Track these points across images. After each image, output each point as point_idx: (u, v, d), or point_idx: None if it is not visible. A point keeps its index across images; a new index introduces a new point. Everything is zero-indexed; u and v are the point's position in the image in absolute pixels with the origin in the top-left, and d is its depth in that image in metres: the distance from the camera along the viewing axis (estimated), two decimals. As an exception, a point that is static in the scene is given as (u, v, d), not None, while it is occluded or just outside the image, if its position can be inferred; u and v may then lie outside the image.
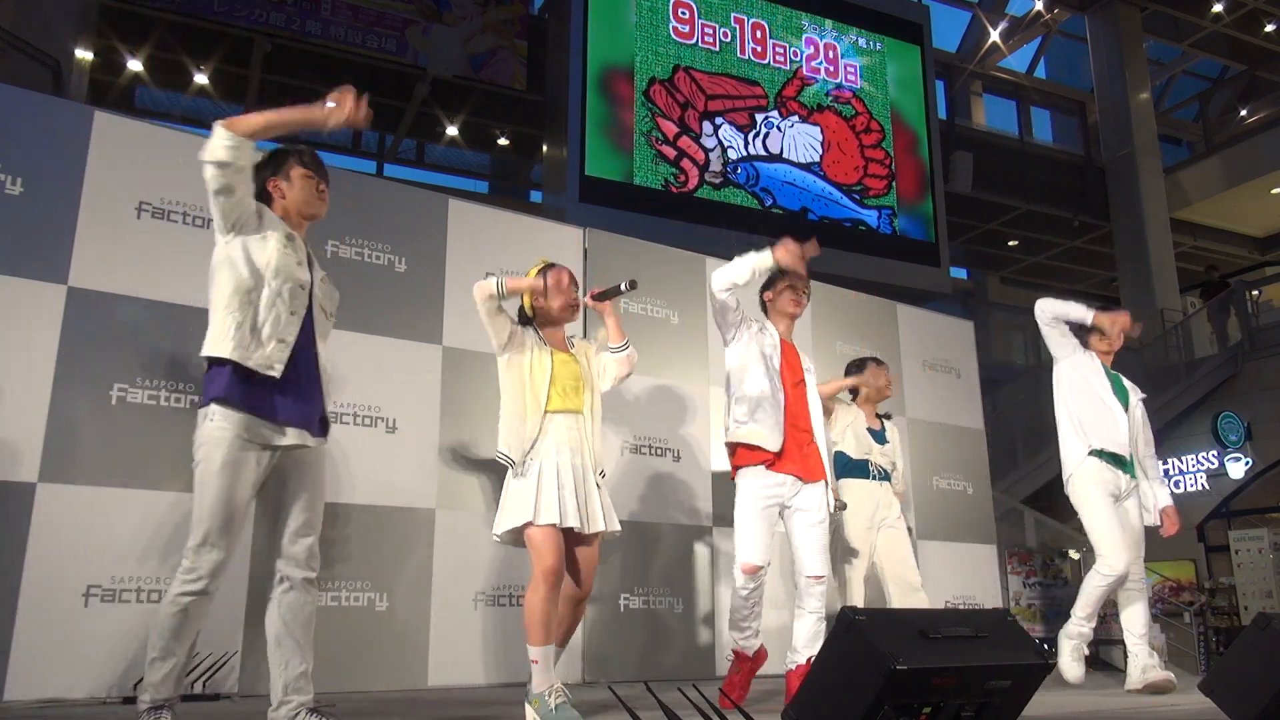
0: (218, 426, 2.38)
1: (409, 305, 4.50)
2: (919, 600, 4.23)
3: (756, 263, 3.34)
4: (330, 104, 2.51)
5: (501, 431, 3.08)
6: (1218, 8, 14.37)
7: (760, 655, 3.57)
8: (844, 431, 4.42)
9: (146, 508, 3.65)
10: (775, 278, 3.69)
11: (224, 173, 2.40)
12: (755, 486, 3.44)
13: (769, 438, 3.41)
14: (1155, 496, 4.30)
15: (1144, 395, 4.46)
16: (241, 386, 2.40)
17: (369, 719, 3.10)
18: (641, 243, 5.57)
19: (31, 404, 3.56)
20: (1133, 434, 4.25)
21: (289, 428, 2.48)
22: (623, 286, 3.19)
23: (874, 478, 4.36)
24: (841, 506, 3.66)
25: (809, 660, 3.34)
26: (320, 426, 2.60)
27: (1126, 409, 4.27)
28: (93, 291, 3.75)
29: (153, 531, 3.65)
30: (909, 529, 4.52)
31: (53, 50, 8.02)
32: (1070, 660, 4.22)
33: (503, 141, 12.57)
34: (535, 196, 13.33)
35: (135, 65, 10.25)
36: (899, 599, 4.29)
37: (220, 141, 2.39)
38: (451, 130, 11.85)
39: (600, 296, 3.24)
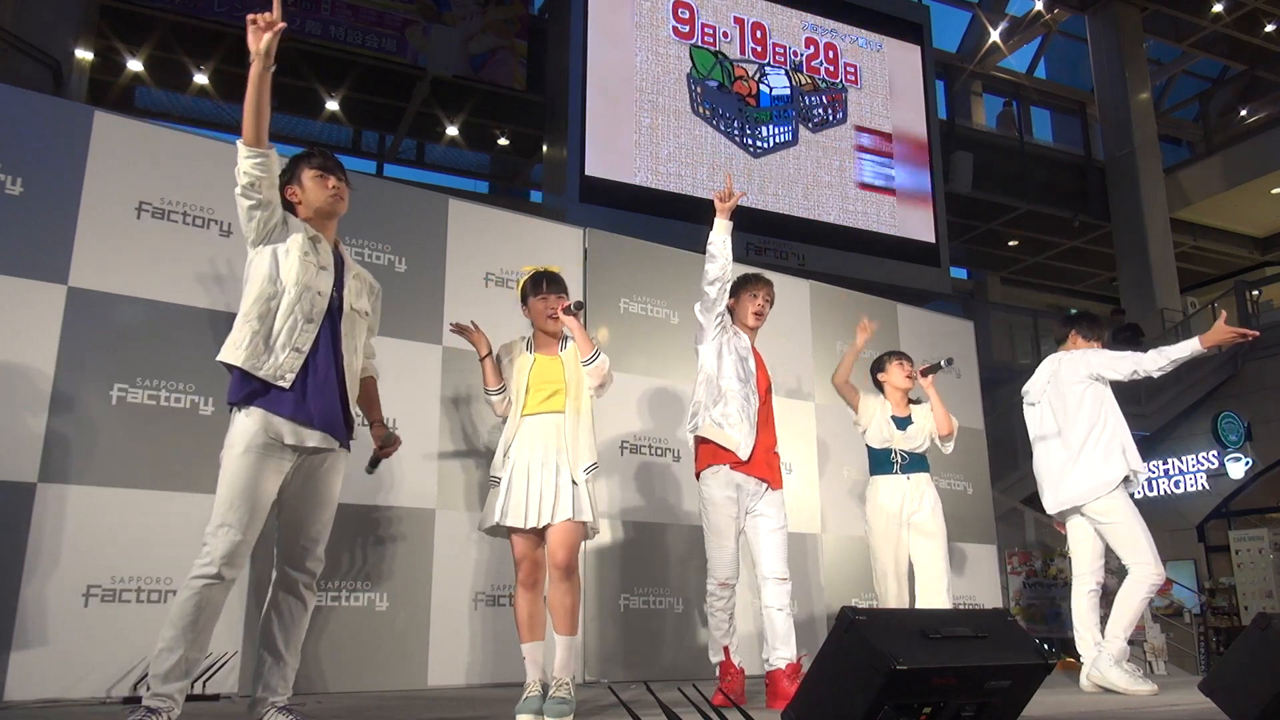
0: (242, 420, 2.48)
1: (409, 305, 4.50)
2: (938, 603, 4.22)
3: (716, 235, 3.53)
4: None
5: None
6: (1218, 8, 14.37)
7: (741, 672, 3.57)
8: (870, 422, 4.47)
9: (146, 508, 3.65)
10: (739, 287, 3.80)
11: (257, 186, 2.46)
12: (720, 489, 3.53)
13: (741, 444, 3.50)
14: None
15: None
16: (259, 391, 2.48)
17: (369, 719, 3.10)
18: (641, 243, 5.58)
19: (31, 404, 3.57)
20: None
21: (308, 429, 2.52)
22: (572, 306, 3.24)
23: (898, 470, 4.37)
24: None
25: (799, 658, 3.35)
26: (344, 430, 2.63)
27: None
28: (93, 291, 3.75)
29: (153, 531, 3.65)
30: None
31: (53, 50, 8.02)
32: (1128, 678, 4.03)
33: (503, 141, 12.57)
34: (535, 196, 13.33)
35: (135, 65, 10.24)
36: (920, 599, 4.30)
37: (247, 159, 2.45)
38: (451, 130, 11.85)
39: (565, 311, 3.25)
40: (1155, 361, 4.16)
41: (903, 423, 4.45)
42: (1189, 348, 4.09)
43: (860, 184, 11.06)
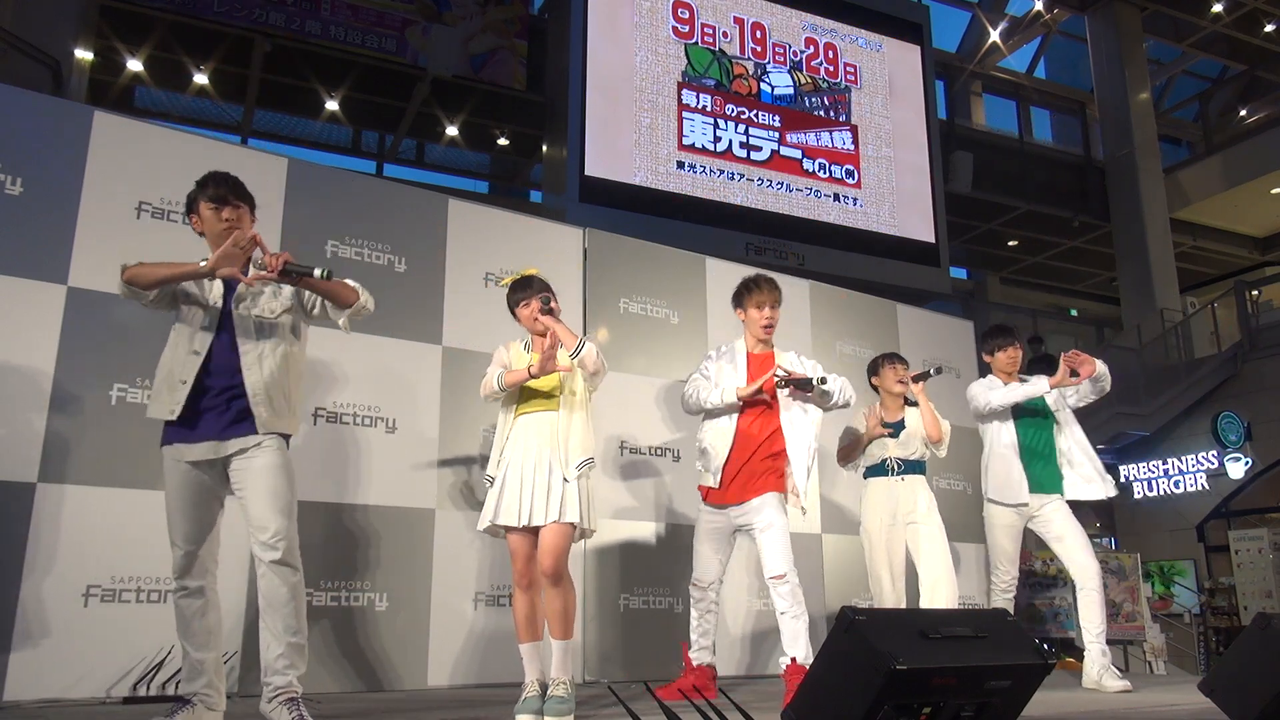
0: (164, 457, 2.79)
1: (409, 305, 4.50)
2: (942, 601, 4.23)
3: (721, 397, 3.65)
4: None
5: None
6: (1218, 8, 14.36)
7: (705, 673, 3.65)
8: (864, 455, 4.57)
9: (146, 508, 3.64)
10: (742, 293, 3.83)
11: (136, 298, 2.74)
12: (701, 516, 3.79)
13: (708, 478, 3.71)
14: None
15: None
16: (167, 428, 2.78)
17: (369, 719, 3.10)
18: (641, 243, 5.57)
19: (31, 404, 3.57)
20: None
21: (199, 444, 2.74)
22: (543, 308, 3.26)
23: (892, 473, 4.41)
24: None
25: (793, 659, 3.36)
26: (247, 427, 2.73)
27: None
28: (93, 291, 3.75)
29: (153, 531, 3.63)
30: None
31: (53, 50, 8.02)
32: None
33: (503, 141, 12.56)
34: (535, 196, 13.33)
35: (135, 65, 10.24)
36: (924, 599, 4.31)
37: (124, 286, 2.71)
38: (451, 130, 11.84)
39: (542, 313, 3.26)
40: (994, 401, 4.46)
41: (897, 428, 4.46)
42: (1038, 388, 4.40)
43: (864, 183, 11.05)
